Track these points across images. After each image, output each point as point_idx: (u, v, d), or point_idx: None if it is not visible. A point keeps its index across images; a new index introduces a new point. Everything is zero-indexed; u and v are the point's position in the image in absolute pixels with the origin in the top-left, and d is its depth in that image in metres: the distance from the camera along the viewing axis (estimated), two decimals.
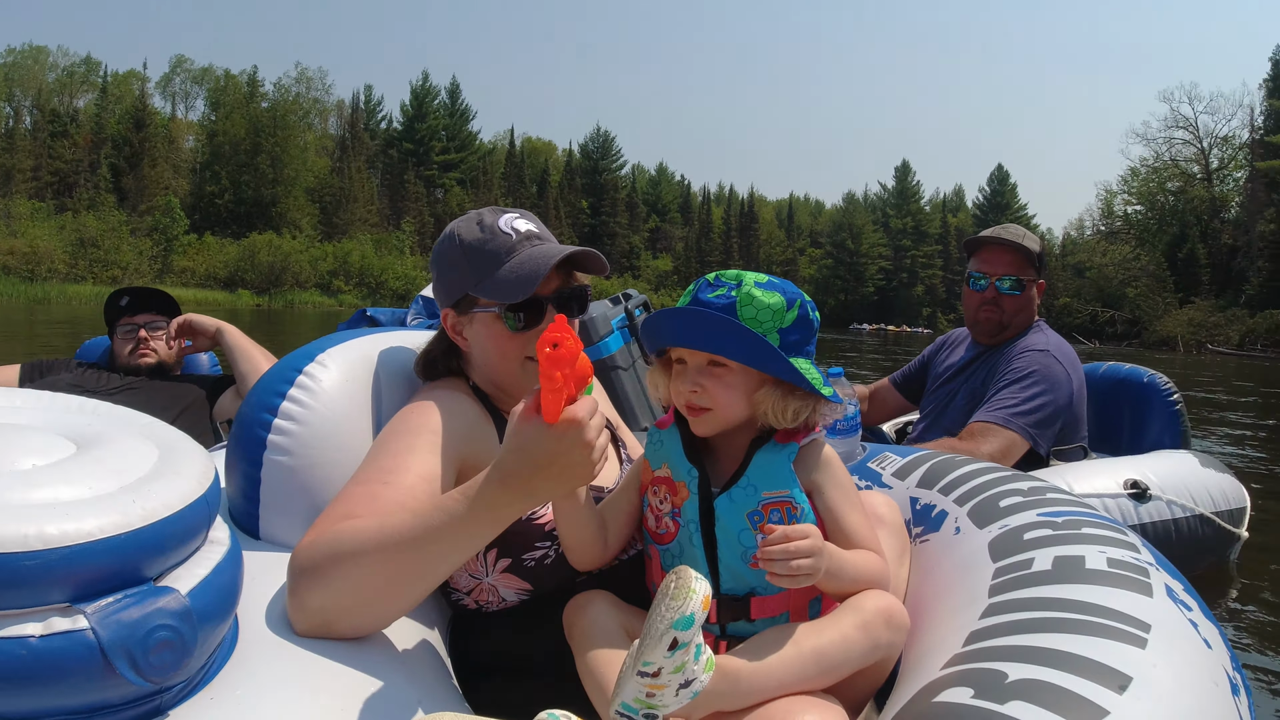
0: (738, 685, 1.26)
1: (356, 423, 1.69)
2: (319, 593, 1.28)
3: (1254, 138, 52.50)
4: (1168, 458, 3.45)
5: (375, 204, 74.02)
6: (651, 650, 1.16)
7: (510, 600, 1.62)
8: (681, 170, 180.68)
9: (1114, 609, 1.24)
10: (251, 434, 1.61)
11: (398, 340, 1.89)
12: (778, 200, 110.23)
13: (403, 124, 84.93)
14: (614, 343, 2.78)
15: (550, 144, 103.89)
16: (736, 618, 1.46)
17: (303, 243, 63.93)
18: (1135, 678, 1.09)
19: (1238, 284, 48.63)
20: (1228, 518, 3.32)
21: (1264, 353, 37.76)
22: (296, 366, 1.69)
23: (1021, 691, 1.09)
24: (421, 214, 74.82)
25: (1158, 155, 61.92)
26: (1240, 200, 56.32)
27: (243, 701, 1.10)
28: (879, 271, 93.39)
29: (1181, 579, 1.43)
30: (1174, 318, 46.71)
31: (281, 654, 1.23)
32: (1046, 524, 1.59)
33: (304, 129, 75.75)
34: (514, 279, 1.61)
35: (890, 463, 2.14)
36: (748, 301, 1.45)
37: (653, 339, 1.55)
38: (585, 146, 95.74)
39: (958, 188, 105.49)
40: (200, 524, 1.13)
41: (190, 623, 1.04)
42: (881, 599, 1.45)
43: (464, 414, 1.64)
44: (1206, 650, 1.22)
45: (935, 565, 1.70)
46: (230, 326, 3.31)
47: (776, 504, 1.45)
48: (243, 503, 1.62)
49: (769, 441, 1.50)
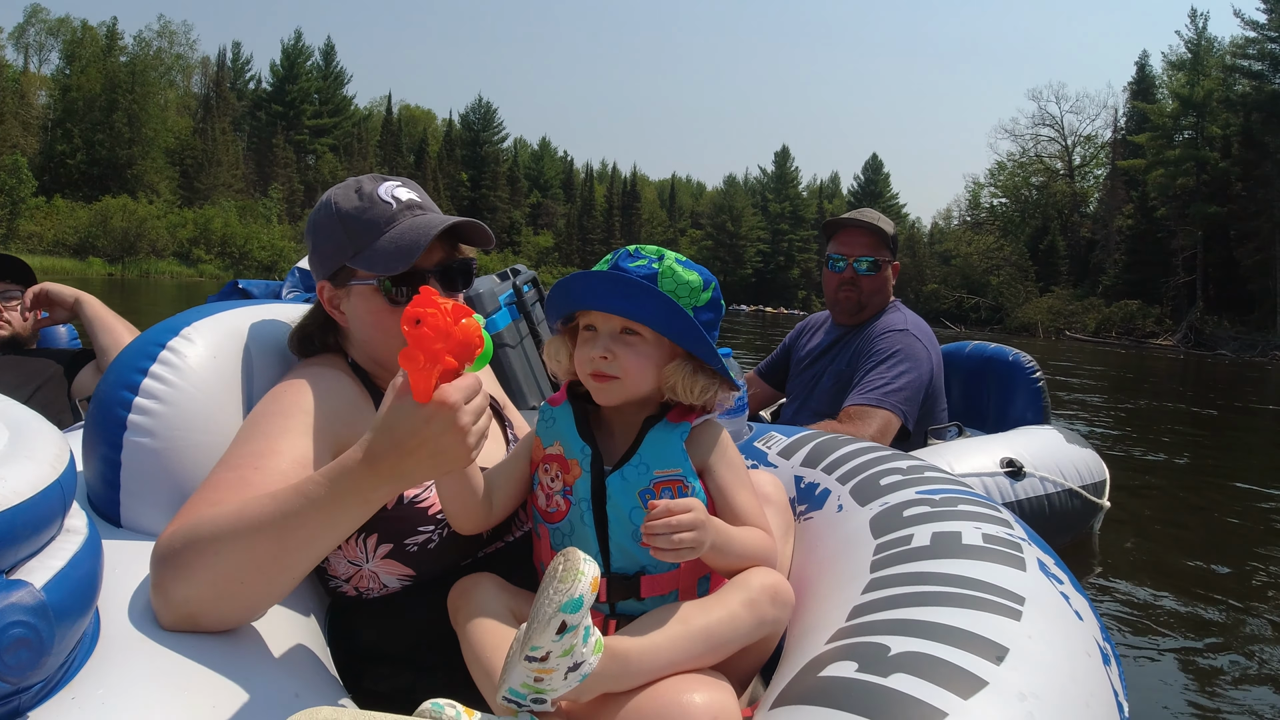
0: (627, 666, 1.26)
1: (225, 402, 1.60)
2: (181, 583, 1.21)
3: (1116, 137, 55.89)
4: (1036, 435, 3.67)
5: (240, 168, 69.74)
6: (539, 634, 1.14)
7: (392, 586, 1.57)
8: (565, 146, 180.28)
9: (990, 583, 1.29)
10: (111, 414, 1.50)
11: (271, 314, 1.79)
12: (660, 180, 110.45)
13: (273, 85, 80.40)
14: (501, 319, 2.73)
15: (429, 113, 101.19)
16: (626, 596, 1.46)
17: (160, 207, 59.67)
18: (1011, 649, 1.13)
19: (1095, 275, 51.64)
20: (1093, 490, 3.59)
21: (1118, 340, 40.50)
22: (160, 341, 1.58)
23: (903, 664, 1.11)
24: (291, 180, 71.80)
25: (1024, 151, 65.31)
26: (1099, 196, 59.76)
27: (106, 701, 1.03)
28: (758, 254, 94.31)
29: (1052, 553, 1.50)
30: (1035, 305, 49.42)
31: (147, 650, 1.16)
32: (925, 501, 1.64)
33: (165, 86, 70.64)
34: (393, 249, 1.54)
35: (775, 442, 2.18)
36: (669, 274, 1.46)
37: (564, 302, 1.52)
38: (466, 117, 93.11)
39: (834, 175, 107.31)
40: (55, 511, 1.05)
41: (47, 619, 0.96)
42: (767, 576, 1.47)
43: (341, 393, 1.57)
44: (1078, 622, 1.28)
45: (819, 542, 1.73)
46: (90, 297, 3.09)
47: (668, 483, 1.46)
48: (102, 488, 1.51)
49: (662, 420, 1.50)
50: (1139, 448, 8.74)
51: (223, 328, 1.66)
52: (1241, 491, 6.92)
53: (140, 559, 1.33)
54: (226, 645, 1.23)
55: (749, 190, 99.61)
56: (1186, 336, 38.97)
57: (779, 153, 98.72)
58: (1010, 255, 59.41)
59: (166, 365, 1.54)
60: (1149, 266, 46.95)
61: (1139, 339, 41.45)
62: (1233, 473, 7.91)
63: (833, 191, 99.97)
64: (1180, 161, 45.48)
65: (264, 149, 73.43)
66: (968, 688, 1.06)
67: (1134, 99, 55.64)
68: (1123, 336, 42.11)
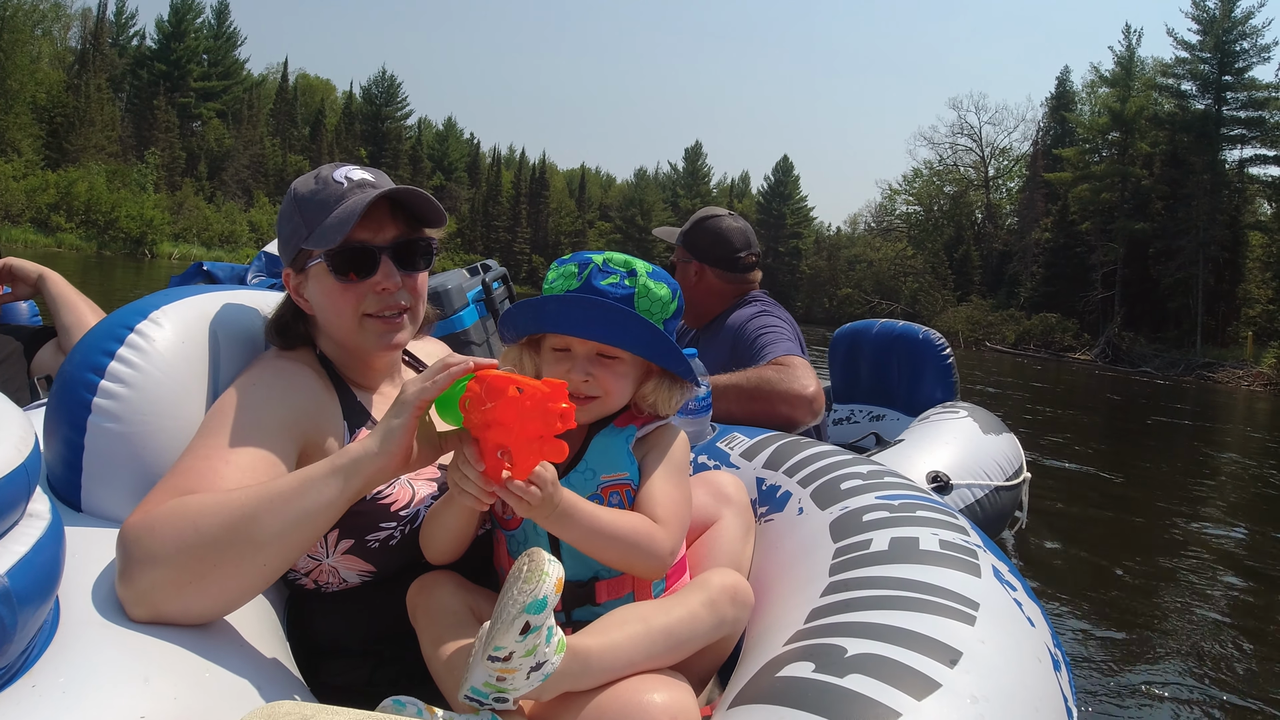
0: (589, 665, 1.27)
1: (192, 388, 1.58)
2: (149, 570, 1.20)
3: (1036, 149, 56.30)
4: (953, 432, 3.65)
5: (117, 130, 60.61)
6: (503, 635, 1.15)
7: (351, 581, 1.57)
8: (471, 128, 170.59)
9: (945, 588, 1.32)
10: (75, 396, 1.48)
11: (238, 299, 1.77)
12: (569, 170, 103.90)
13: (158, 42, 71.15)
14: (469, 317, 2.71)
15: (329, 83, 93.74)
16: (581, 603, 1.47)
17: (19, 167, 50.50)
18: (965, 652, 1.17)
19: (1010, 286, 52.01)
20: (1014, 475, 3.62)
21: (1036, 352, 41.02)
22: (127, 324, 1.56)
23: (860, 665, 1.14)
24: (172, 146, 63.52)
25: (941, 159, 65.54)
26: (1013, 208, 60.10)
27: (67, 690, 1.02)
28: (667, 250, 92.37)
29: (1007, 560, 1.54)
30: (953, 314, 49.56)
31: (108, 638, 1.15)
32: (884, 506, 1.67)
33: (38, 38, 62.13)
34: (335, 223, 1.51)
35: (738, 443, 2.21)
36: (644, 293, 1.46)
37: (534, 324, 1.51)
38: (368, 90, 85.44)
39: (744, 174, 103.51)
40: (19, 496, 1.03)
41: (9, 605, 0.95)
42: (727, 576, 1.49)
43: (306, 386, 1.56)
44: (1030, 628, 1.31)
45: (779, 544, 1.76)
46: (54, 274, 3.01)
47: (615, 486, 1.48)
48: (64, 471, 1.49)
49: (608, 425, 1.52)
50: (1072, 462, 8.98)
51: (190, 312, 1.64)
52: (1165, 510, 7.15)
53: (100, 545, 1.32)
54: (188, 635, 1.22)
55: (660, 185, 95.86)
56: (1104, 351, 39.46)
57: (691, 148, 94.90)
58: (922, 265, 59.62)
59: (133, 349, 1.52)
60: (1067, 280, 47.32)
61: (1057, 352, 41.95)
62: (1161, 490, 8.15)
63: (743, 190, 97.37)
64: (1106, 176, 46.08)
65: (144, 110, 64.86)
66: (921, 689, 1.09)
67: (1053, 113, 56.26)
68: (1041, 349, 42.48)
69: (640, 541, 1.39)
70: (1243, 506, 7.76)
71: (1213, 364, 34.76)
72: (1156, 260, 43.35)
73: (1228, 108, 42.98)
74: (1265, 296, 40.62)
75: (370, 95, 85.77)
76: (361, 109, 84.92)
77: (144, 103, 65.75)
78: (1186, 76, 44.33)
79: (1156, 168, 44.53)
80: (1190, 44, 43.62)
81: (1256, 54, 42.15)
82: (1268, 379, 30.19)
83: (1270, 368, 30.86)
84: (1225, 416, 19.06)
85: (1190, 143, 42.76)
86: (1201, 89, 43.64)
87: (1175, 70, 44.83)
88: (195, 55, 72.73)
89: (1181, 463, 10.59)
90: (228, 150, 68.32)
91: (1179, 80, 44.91)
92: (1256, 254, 42.55)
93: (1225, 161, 44.03)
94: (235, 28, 76.53)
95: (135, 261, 25.68)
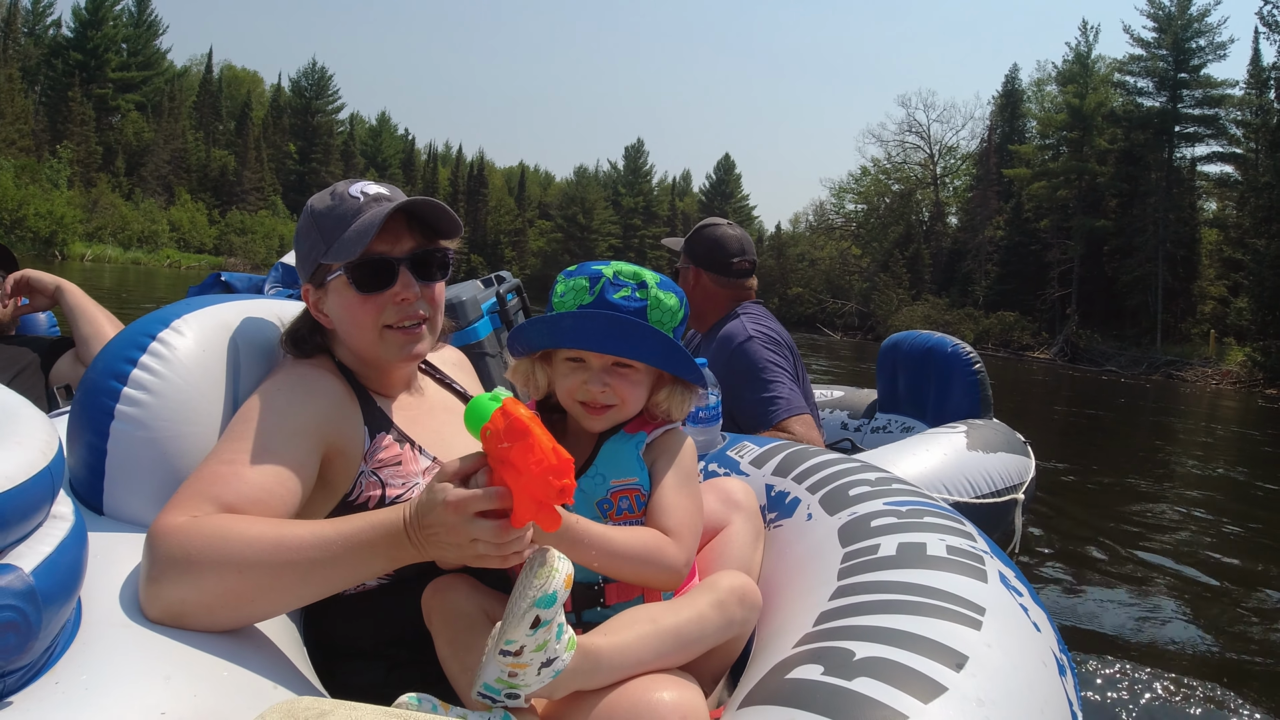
0: (599, 664, 1.28)
1: (212, 395, 1.61)
2: (184, 587, 1.24)
3: (986, 146, 55.32)
4: (929, 446, 3.44)
5: (29, 123, 56.77)
6: (514, 628, 1.17)
7: (369, 585, 1.59)
8: (406, 124, 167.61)
9: (952, 593, 1.33)
10: (98, 402, 1.51)
11: (257, 309, 1.81)
12: (507, 168, 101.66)
13: (74, 30, 66.87)
14: (483, 328, 2.72)
15: (256, 75, 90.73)
16: (590, 605, 1.49)
17: None
18: (971, 657, 1.18)
19: (963, 285, 51.48)
20: (993, 494, 3.34)
21: (995, 351, 40.47)
22: (150, 332, 1.59)
23: (867, 668, 1.16)
24: (88, 140, 60.19)
25: (889, 156, 64.35)
26: (963, 206, 59.19)
27: (90, 687, 1.05)
28: (609, 248, 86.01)
29: (1013, 565, 1.55)
30: (908, 313, 48.57)
31: (129, 637, 1.18)
32: (892, 512, 1.68)
33: None
34: (354, 236, 1.55)
35: (748, 451, 2.23)
36: (656, 305, 1.49)
37: (550, 339, 1.53)
38: (298, 82, 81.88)
39: (685, 173, 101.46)
40: (44, 497, 1.06)
41: (35, 603, 0.98)
42: (735, 578, 1.50)
43: (328, 393, 1.59)
44: (1036, 633, 1.32)
45: (788, 549, 1.77)
46: (71, 285, 3.07)
47: (625, 491, 1.50)
48: (87, 475, 1.52)
49: (618, 431, 1.54)
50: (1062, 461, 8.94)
51: (211, 321, 1.68)
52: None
53: (122, 547, 1.36)
54: (208, 636, 1.25)
55: (601, 183, 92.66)
56: (1063, 350, 39.01)
57: (632, 146, 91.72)
58: (869, 265, 58.69)
59: (155, 356, 1.56)
60: (1023, 279, 46.73)
61: (1016, 351, 41.59)
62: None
63: (684, 189, 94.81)
64: (1063, 173, 45.67)
65: (58, 102, 61.59)
66: (928, 693, 1.10)
67: (1000, 111, 55.76)
68: (1000, 348, 42.00)
69: (653, 558, 1.42)
70: (1244, 508, 7.70)
71: (1178, 362, 34.10)
72: (1113, 257, 43.09)
73: (1183, 105, 42.95)
74: (1219, 293, 40.31)
75: (300, 88, 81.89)
76: (291, 102, 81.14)
77: (58, 94, 62.32)
78: (1142, 73, 44.29)
79: (1111, 164, 44.31)
80: (1147, 41, 43.55)
81: (1212, 51, 42.24)
82: (1236, 377, 29.73)
83: (1240, 366, 30.46)
84: (1222, 418, 18.74)
85: (1147, 140, 42.73)
86: (1158, 86, 43.57)
87: (1130, 67, 44.78)
88: (114, 44, 68.65)
89: (1182, 463, 10.52)
90: (147, 145, 65.38)
91: (1135, 77, 44.93)
92: (1209, 250, 42.48)
93: (1182, 158, 44.05)
94: (157, 16, 72.65)
95: (45, 263, 24.70)
